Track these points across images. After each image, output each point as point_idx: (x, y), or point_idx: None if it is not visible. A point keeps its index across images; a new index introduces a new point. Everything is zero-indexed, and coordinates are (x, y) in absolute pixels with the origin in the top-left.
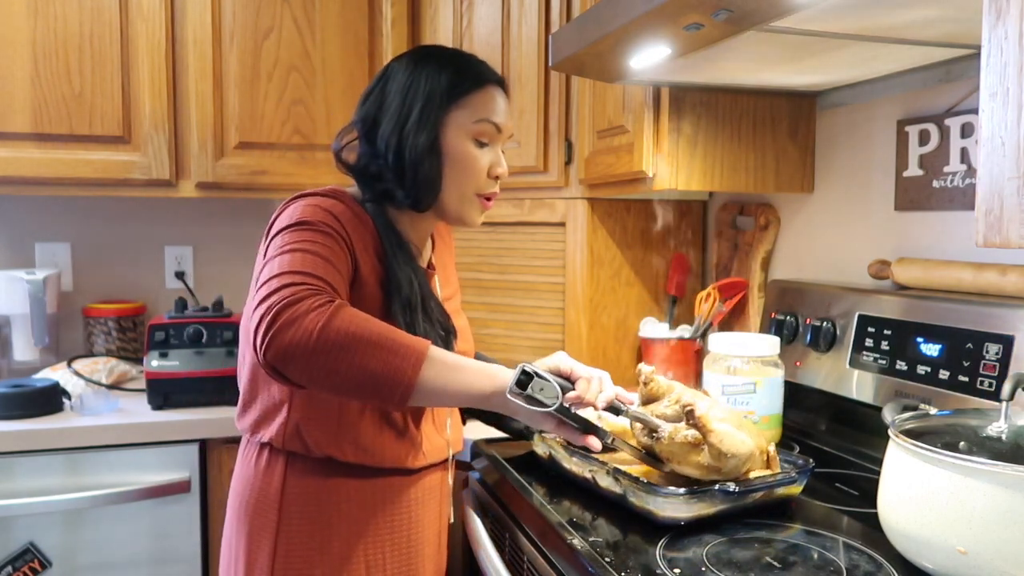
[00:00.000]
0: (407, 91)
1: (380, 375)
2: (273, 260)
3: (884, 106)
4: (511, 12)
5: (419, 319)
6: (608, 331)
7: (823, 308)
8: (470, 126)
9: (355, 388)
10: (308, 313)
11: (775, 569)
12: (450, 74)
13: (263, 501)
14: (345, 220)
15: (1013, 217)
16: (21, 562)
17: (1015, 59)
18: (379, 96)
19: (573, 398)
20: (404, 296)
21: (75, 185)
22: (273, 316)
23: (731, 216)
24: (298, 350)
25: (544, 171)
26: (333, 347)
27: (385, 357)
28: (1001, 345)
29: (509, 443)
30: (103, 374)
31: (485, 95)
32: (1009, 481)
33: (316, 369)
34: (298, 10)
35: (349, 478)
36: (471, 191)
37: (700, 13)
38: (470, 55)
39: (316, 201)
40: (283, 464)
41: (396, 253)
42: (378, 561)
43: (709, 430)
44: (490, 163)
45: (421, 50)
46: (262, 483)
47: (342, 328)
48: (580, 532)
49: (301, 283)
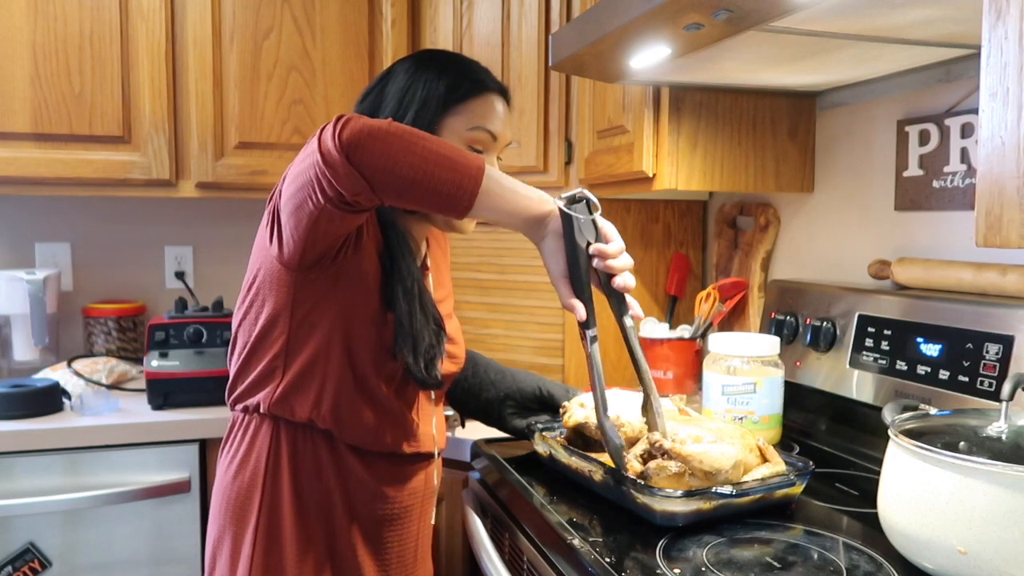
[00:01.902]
0: (404, 94)
1: (452, 161)
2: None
3: (884, 106)
4: (511, 12)
5: (416, 310)
6: (608, 331)
7: (823, 308)
8: (464, 133)
9: (428, 176)
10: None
11: (775, 569)
12: (448, 80)
13: (249, 477)
14: None
15: (1013, 217)
16: (21, 562)
17: (1015, 59)
18: (377, 97)
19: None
20: (405, 285)
21: (75, 185)
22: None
23: (731, 216)
24: (374, 130)
25: (544, 171)
26: (405, 132)
27: (451, 152)
28: (1001, 345)
29: (509, 443)
30: (103, 374)
31: (483, 102)
32: (1009, 481)
33: (393, 147)
34: (298, 10)
35: (338, 453)
36: None
37: (700, 13)
38: (473, 62)
39: None
40: (269, 435)
41: (399, 244)
42: (347, 557)
43: (684, 457)
44: None
45: (424, 54)
46: (247, 456)
47: (404, 136)
48: (580, 532)
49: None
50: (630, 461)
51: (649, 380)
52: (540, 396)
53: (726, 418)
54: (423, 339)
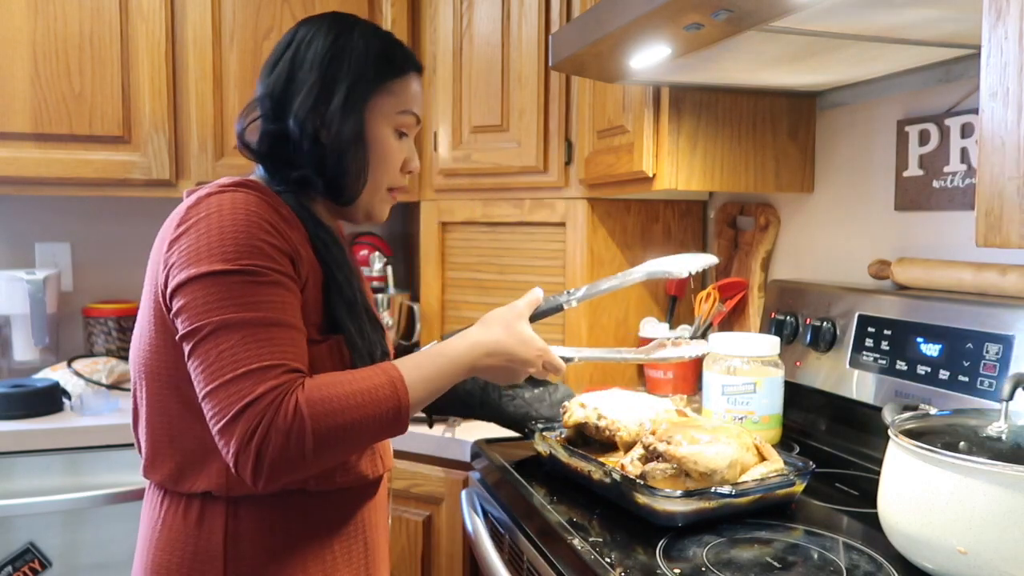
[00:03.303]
0: (327, 64)
1: (377, 429)
2: (212, 350)
3: (884, 106)
4: (511, 12)
5: (364, 322)
6: (608, 331)
7: (823, 308)
8: (394, 116)
9: (359, 449)
10: (283, 434)
11: (775, 569)
12: (377, 52)
13: (201, 562)
14: (279, 227)
15: (1013, 217)
16: (21, 562)
17: (1015, 59)
18: (289, 67)
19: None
20: (347, 298)
21: (75, 185)
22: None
23: (731, 216)
24: (294, 468)
25: (544, 171)
26: (325, 445)
27: (373, 412)
28: (1001, 345)
29: (509, 443)
30: (103, 374)
31: (410, 83)
32: (1009, 481)
33: (318, 467)
34: (298, 10)
35: (307, 500)
36: (384, 185)
37: (700, 13)
38: (391, 34)
39: (236, 209)
40: (223, 512)
41: (330, 249)
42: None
43: (679, 458)
44: (406, 157)
45: (338, 17)
46: (196, 542)
47: (321, 422)
48: (580, 532)
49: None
50: (631, 462)
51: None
52: None
53: (726, 418)
54: (377, 348)
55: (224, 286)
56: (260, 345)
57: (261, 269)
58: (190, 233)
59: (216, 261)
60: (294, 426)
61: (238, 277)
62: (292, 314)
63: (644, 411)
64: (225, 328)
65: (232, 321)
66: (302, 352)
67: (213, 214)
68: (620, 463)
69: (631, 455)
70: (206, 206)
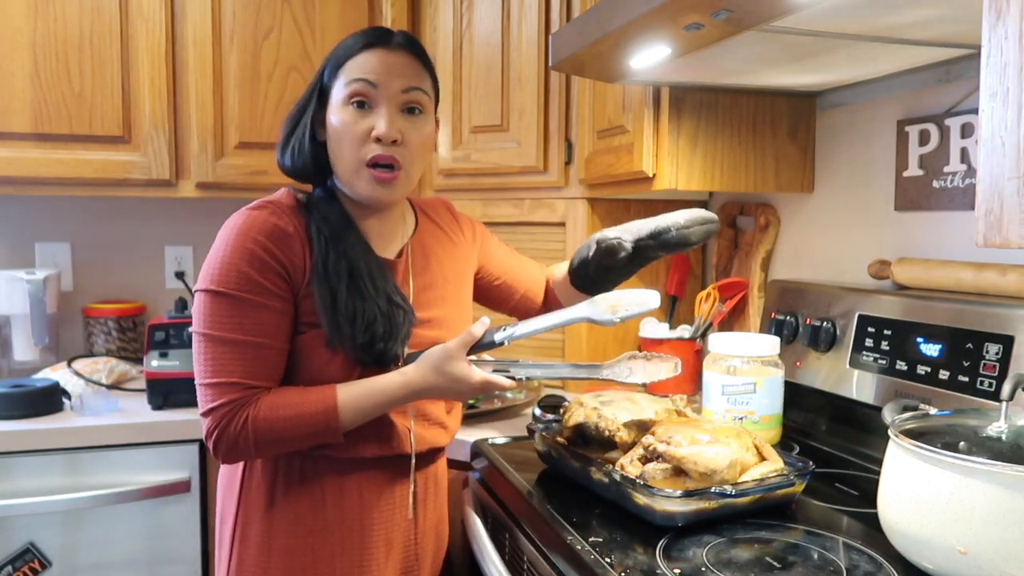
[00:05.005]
0: (314, 78)
1: (310, 444)
2: (199, 355)
3: (884, 106)
4: (511, 12)
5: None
6: (608, 331)
7: (823, 308)
8: (345, 89)
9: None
10: (232, 438)
11: (775, 569)
12: (342, 46)
13: (229, 488)
14: (277, 245)
15: (1013, 217)
16: (21, 562)
17: (1015, 59)
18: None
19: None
20: (322, 294)
21: (75, 185)
22: (213, 443)
23: (731, 216)
24: (242, 460)
25: (544, 171)
26: (264, 451)
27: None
28: (1001, 345)
29: (509, 443)
30: (103, 374)
31: (364, 58)
32: (1009, 481)
33: (263, 458)
34: (298, 10)
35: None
36: (354, 160)
37: (700, 13)
38: (368, 28)
39: (236, 234)
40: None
41: (330, 244)
42: (324, 556)
43: (678, 459)
44: (372, 125)
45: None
46: (231, 477)
47: (262, 436)
48: (580, 532)
49: (222, 404)
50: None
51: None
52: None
53: (726, 418)
54: (362, 315)
55: (215, 304)
56: (231, 362)
57: (243, 296)
58: (211, 248)
59: (210, 281)
60: (240, 435)
61: (225, 299)
62: (267, 334)
63: (644, 411)
64: (209, 340)
65: (214, 336)
66: (268, 368)
67: (220, 237)
68: (620, 463)
69: (631, 455)
70: (223, 228)
